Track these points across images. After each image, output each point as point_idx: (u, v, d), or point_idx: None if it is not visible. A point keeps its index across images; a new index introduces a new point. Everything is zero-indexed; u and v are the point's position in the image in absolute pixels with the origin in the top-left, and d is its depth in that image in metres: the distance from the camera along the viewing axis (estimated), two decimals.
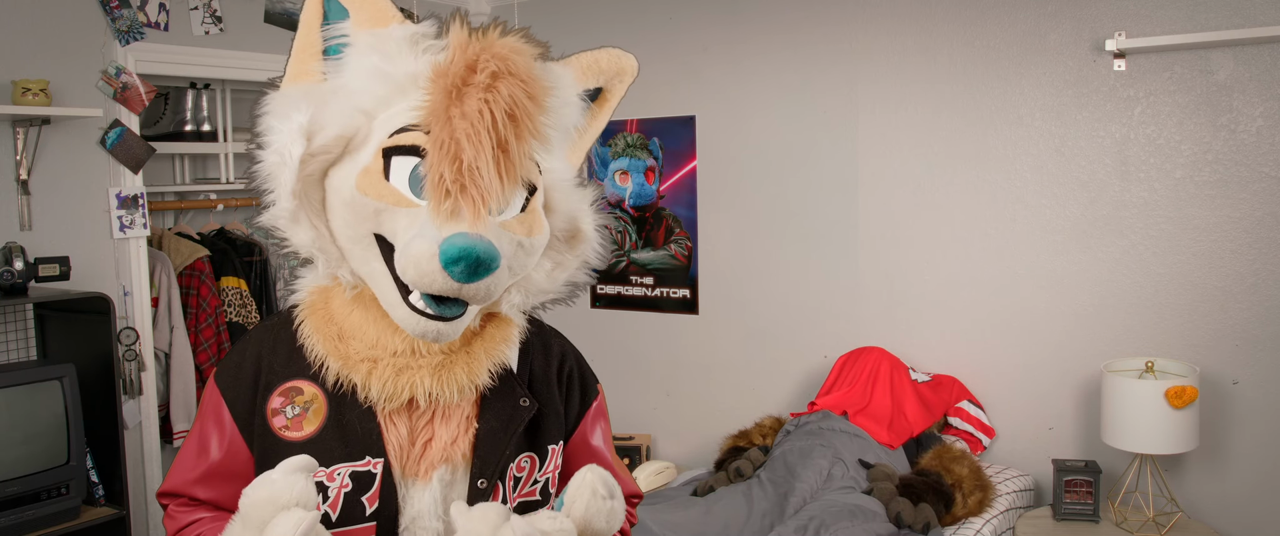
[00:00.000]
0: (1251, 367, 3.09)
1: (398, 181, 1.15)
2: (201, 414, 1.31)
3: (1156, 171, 3.20)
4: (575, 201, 1.29)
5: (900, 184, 3.65)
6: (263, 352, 1.29)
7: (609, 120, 1.39)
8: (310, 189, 1.20)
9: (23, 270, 2.85)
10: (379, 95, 1.19)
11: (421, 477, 1.25)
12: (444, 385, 1.23)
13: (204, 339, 3.59)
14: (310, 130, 1.18)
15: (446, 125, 1.12)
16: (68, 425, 2.83)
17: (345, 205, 1.18)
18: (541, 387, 1.35)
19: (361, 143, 1.19)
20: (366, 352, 1.23)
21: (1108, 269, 3.29)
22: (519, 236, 1.19)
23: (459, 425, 1.27)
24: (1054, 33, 3.30)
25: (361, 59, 1.21)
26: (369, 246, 1.19)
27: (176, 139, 3.82)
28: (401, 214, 1.15)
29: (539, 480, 1.34)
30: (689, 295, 4.16)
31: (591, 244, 1.32)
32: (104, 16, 3.22)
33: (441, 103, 1.13)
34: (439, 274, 1.10)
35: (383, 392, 1.22)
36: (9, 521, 2.70)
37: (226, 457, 1.28)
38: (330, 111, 1.19)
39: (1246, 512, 3.11)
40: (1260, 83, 3.02)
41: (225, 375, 1.30)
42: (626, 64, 1.34)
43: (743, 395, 4.01)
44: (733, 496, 3.16)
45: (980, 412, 3.52)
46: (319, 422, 1.24)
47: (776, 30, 3.84)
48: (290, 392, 1.26)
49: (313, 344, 1.25)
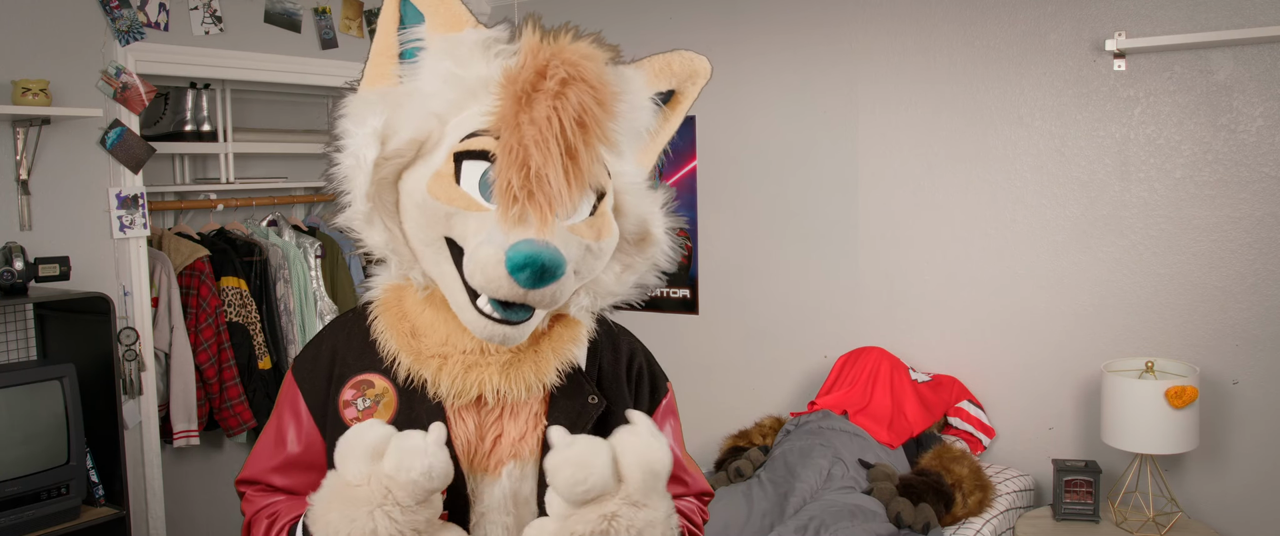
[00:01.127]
0: (1251, 367, 3.09)
1: (468, 186, 1.17)
2: (279, 405, 1.34)
3: (1156, 171, 3.20)
4: (646, 204, 1.30)
5: (900, 184, 3.65)
6: (337, 345, 1.32)
7: (681, 120, 1.39)
8: (384, 191, 1.22)
9: (23, 270, 2.85)
10: (451, 99, 1.21)
11: (491, 472, 1.27)
12: (512, 383, 1.25)
13: (204, 339, 3.59)
14: (385, 134, 1.20)
15: (515, 131, 1.13)
16: (68, 425, 2.84)
17: (417, 208, 1.20)
18: (611, 385, 1.37)
19: (434, 146, 1.20)
20: (437, 349, 1.26)
21: (1108, 269, 3.29)
22: (587, 240, 1.19)
23: (527, 422, 1.28)
24: (1054, 33, 3.30)
25: (435, 63, 1.23)
26: (440, 249, 1.21)
27: (176, 139, 3.82)
28: (471, 218, 1.16)
29: None
30: (689, 295, 4.17)
31: (661, 247, 1.33)
32: (104, 16, 3.22)
33: (511, 108, 1.14)
34: (505, 280, 1.11)
35: (452, 389, 1.24)
36: (9, 521, 2.70)
37: (304, 448, 1.31)
38: (404, 115, 1.20)
39: (1246, 512, 3.11)
40: (1260, 83, 3.02)
41: (302, 367, 1.33)
42: (699, 66, 1.36)
43: (743, 395, 4.01)
44: (733, 496, 3.16)
45: (980, 412, 3.52)
46: (389, 415, 1.27)
47: (776, 30, 3.84)
48: (362, 385, 1.29)
49: (386, 339, 1.28)
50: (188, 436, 3.56)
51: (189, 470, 3.94)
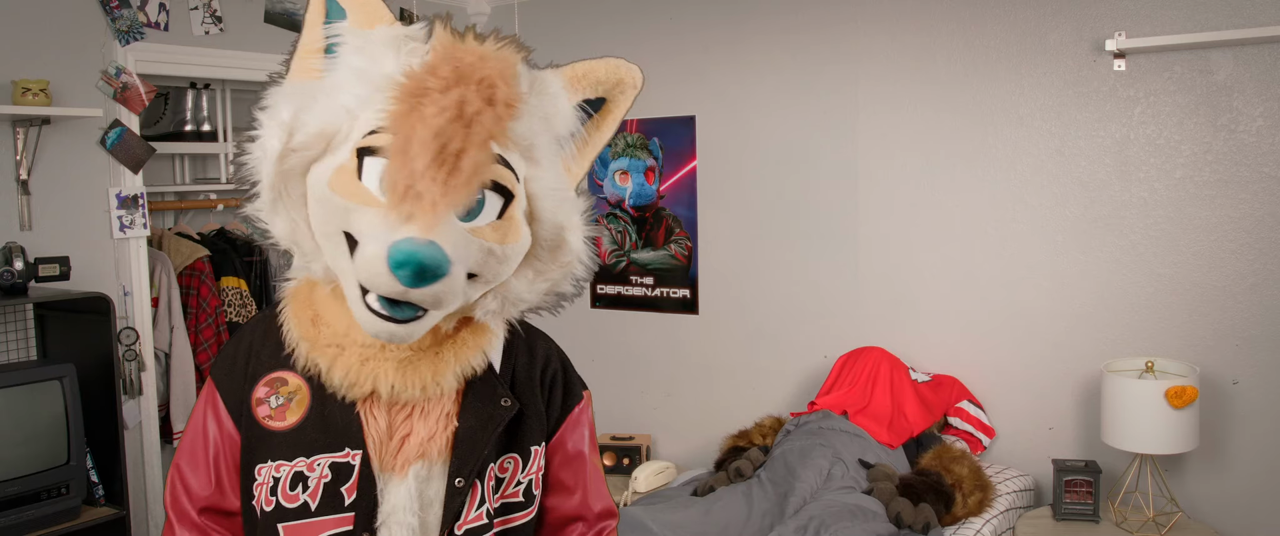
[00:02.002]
0: (1251, 367, 3.09)
1: (369, 181, 1.16)
2: (200, 406, 1.34)
3: (1156, 171, 3.20)
4: (565, 212, 1.27)
5: (900, 184, 3.65)
6: (253, 343, 1.33)
7: (614, 130, 1.37)
8: (290, 183, 1.22)
9: (23, 270, 2.85)
10: (361, 95, 1.20)
11: (398, 472, 1.27)
12: (407, 381, 1.25)
13: (204, 339, 3.59)
14: (293, 126, 1.20)
15: (403, 129, 1.13)
16: (68, 425, 2.83)
17: (318, 201, 1.20)
18: (524, 388, 1.36)
19: (342, 141, 1.20)
20: (335, 339, 1.26)
21: (1108, 269, 3.29)
22: (491, 243, 1.18)
23: (438, 422, 1.28)
24: (1054, 33, 3.30)
25: (348, 58, 1.23)
26: (339, 243, 1.19)
27: (176, 139, 3.82)
28: (367, 213, 1.15)
29: (522, 481, 1.35)
30: (689, 295, 4.16)
31: (577, 256, 1.30)
32: (104, 16, 3.22)
33: (403, 106, 1.14)
34: (386, 277, 1.10)
35: (345, 380, 1.24)
36: (9, 521, 2.70)
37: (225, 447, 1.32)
38: (315, 109, 1.20)
39: (1246, 512, 3.11)
40: (1260, 83, 3.02)
41: (220, 367, 1.34)
42: (626, 75, 1.32)
43: (743, 395, 4.01)
44: (733, 496, 3.16)
45: (980, 412, 3.52)
46: (302, 413, 1.27)
47: (776, 30, 3.84)
48: (275, 383, 1.29)
49: (289, 327, 1.28)
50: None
51: None
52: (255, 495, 1.28)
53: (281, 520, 1.26)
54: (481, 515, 1.30)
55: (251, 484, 1.28)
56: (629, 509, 3.12)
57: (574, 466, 1.42)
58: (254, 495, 1.28)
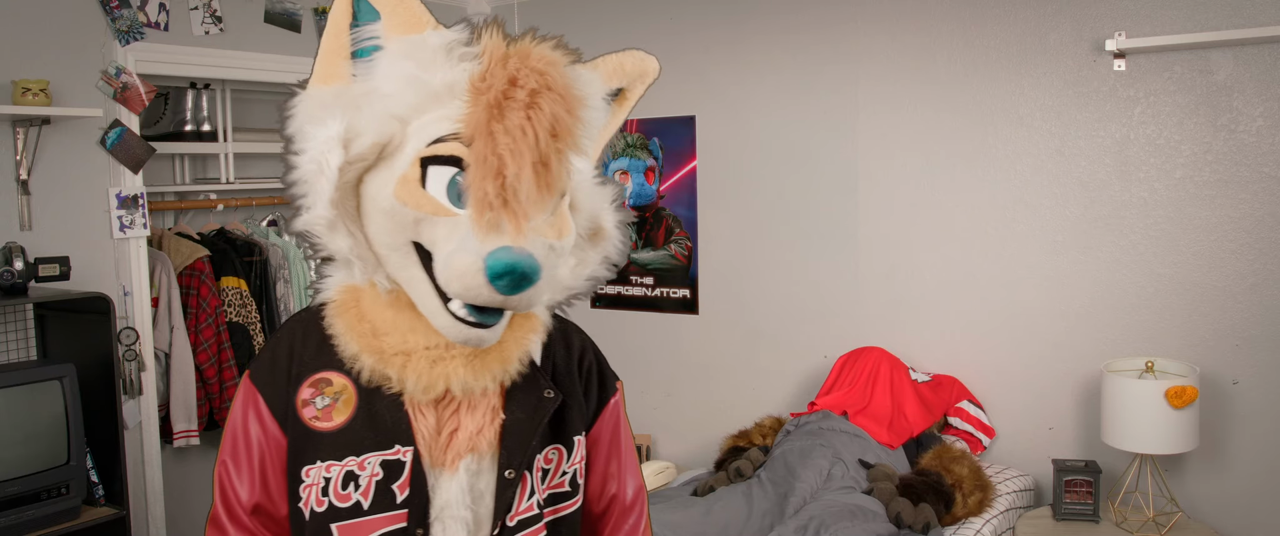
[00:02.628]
0: (1251, 367, 3.09)
1: (435, 190, 1.17)
2: (241, 410, 1.33)
3: (1156, 171, 3.20)
4: (597, 199, 1.31)
5: (900, 184, 3.65)
6: (294, 345, 1.32)
7: (625, 116, 1.42)
8: (346, 196, 1.22)
9: (23, 270, 2.85)
10: (412, 103, 1.20)
11: (448, 467, 1.28)
12: (477, 375, 1.26)
13: (204, 339, 3.59)
14: (347, 138, 1.19)
15: (489, 140, 1.14)
16: (68, 425, 2.83)
17: (383, 214, 1.20)
18: (564, 380, 1.38)
19: (396, 149, 1.20)
20: (400, 346, 1.25)
21: (1108, 269, 3.29)
22: (551, 240, 1.20)
23: (485, 415, 1.29)
24: (1054, 33, 3.30)
25: (395, 65, 1.22)
26: (407, 254, 1.21)
27: (176, 139, 3.82)
28: (440, 223, 1.17)
29: (567, 471, 1.37)
30: (689, 295, 4.16)
31: (613, 240, 1.34)
32: (104, 16, 3.22)
33: (483, 117, 1.15)
34: (485, 287, 1.13)
35: (418, 384, 1.25)
36: (9, 521, 2.70)
37: (270, 451, 1.31)
38: (365, 118, 1.20)
39: (1246, 512, 3.11)
40: (1260, 83, 3.02)
41: (260, 370, 1.33)
42: (648, 66, 1.39)
43: (743, 395, 4.01)
44: (733, 496, 3.16)
45: (980, 412, 3.52)
46: (349, 413, 1.27)
47: (776, 30, 3.84)
48: (320, 383, 1.29)
49: (345, 341, 1.27)
50: (188, 436, 3.56)
51: (189, 470, 3.93)
52: (303, 497, 1.28)
53: (334, 520, 1.26)
54: (532, 506, 1.32)
55: (299, 486, 1.28)
56: None
57: (612, 454, 1.45)
58: (302, 497, 1.28)
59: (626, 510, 1.47)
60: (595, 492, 1.45)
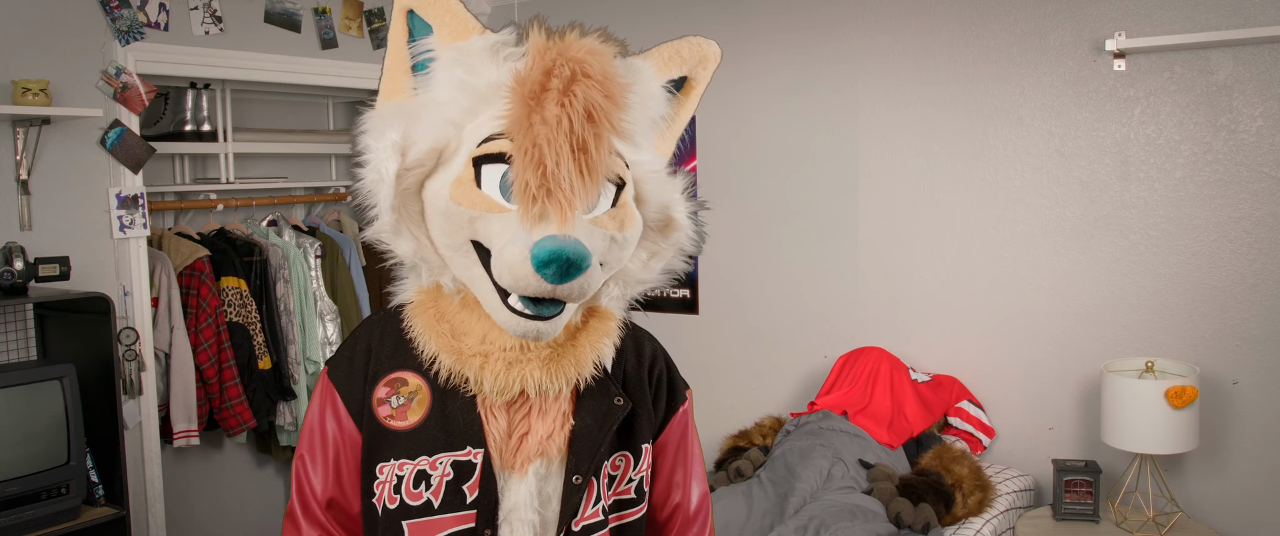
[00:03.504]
0: (1251, 367, 3.09)
1: (489, 189, 1.20)
2: (318, 407, 1.35)
3: (1156, 171, 3.20)
4: (667, 191, 1.32)
5: (900, 184, 3.65)
6: (371, 344, 1.35)
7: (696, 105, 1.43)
8: (408, 202, 1.25)
9: (23, 270, 2.85)
10: (465, 106, 1.24)
11: (518, 470, 1.29)
12: (552, 377, 1.28)
13: (204, 339, 3.58)
14: (403, 146, 1.23)
15: (527, 132, 1.17)
16: (68, 425, 2.84)
17: (441, 215, 1.23)
18: (634, 387, 1.39)
19: (453, 154, 1.23)
20: (478, 348, 1.28)
21: (1108, 269, 3.29)
22: (611, 231, 1.23)
23: (555, 420, 1.31)
24: (1054, 33, 3.30)
25: (447, 73, 1.26)
26: (468, 253, 1.24)
27: (176, 139, 3.82)
28: (495, 220, 1.19)
29: (633, 479, 1.38)
30: (689, 295, 4.16)
31: (685, 231, 1.35)
32: (104, 16, 3.22)
33: (521, 110, 1.18)
34: (532, 277, 1.14)
35: (495, 386, 1.27)
36: (9, 521, 2.70)
37: (345, 448, 1.34)
38: (421, 126, 1.23)
39: (1246, 512, 3.11)
40: (1260, 83, 3.02)
41: (338, 368, 1.36)
42: (708, 51, 1.39)
43: (743, 395, 4.01)
44: (733, 496, 3.16)
45: (980, 412, 3.52)
46: (423, 413, 1.30)
47: (776, 30, 3.84)
48: (396, 383, 1.31)
49: (425, 341, 1.30)
50: (188, 436, 3.56)
51: (189, 470, 3.94)
52: (376, 493, 1.30)
53: (406, 517, 1.28)
54: (598, 512, 1.33)
55: (372, 482, 1.31)
56: None
57: (678, 463, 1.47)
58: (375, 493, 1.30)
59: (690, 520, 1.48)
60: (660, 500, 1.46)
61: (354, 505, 1.35)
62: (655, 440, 1.42)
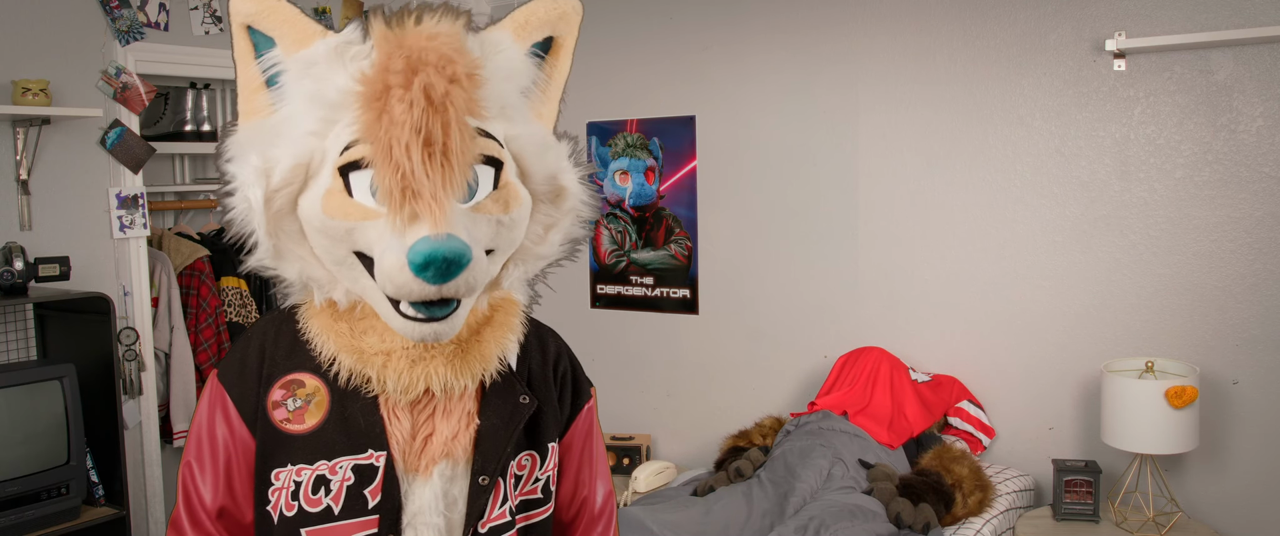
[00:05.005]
0: (1251, 367, 3.09)
1: (361, 196, 1.15)
2: (207, 411, 1.30)
3: (1156, 171, 3.20)
4: (551, 160, 1.27)
5: (900, 184, 3.64)
6: (265, 346, 1.30)
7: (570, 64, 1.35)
8: (284, 222, 1.21)
9: (23, 270, 2.85)
10: (320, 117, 1.19)
11: (422, 472, 1.26)
12: (458, 373, 1.24)
13: (204, 339, 3.59)
14: (266, 168, 1.18)
15: (378, 135, 1.12)
16: (68, 425, 2.84)
17: (318, 231, 1.19)
18: (540, 385, 1.36)
19: (319, 166, 1.18)
20: (379, 346, 1.24)
21: (1108, 269, 3.29)
22: (496, 215, 1.18)
23: (460, 420, 1.27)
24: (1054, 33, 3.30)
25: (297, 85, 1.21)
26: (353, 265, 1.19)
27: (176, 139, 3.82)
28: (371, 227, 1.15)
29: (540, 478, 1.35)
30: (689, 295, 4.16)
31: (578, 196, 1.30)
32: (104, 16, 3.22)
33: (370, 114, 1.13)
34: (414, 282, 1.10)
35: (399, 384, 1.23)
36: (9, 521, 2.70)
37: (237, 453, 1.28)
38: (283, 143, 1.19)
39: (1246, 512, 3.11)
40: (1260, 83, 3.02)
41: (228, 371, 1.30)
42: (567, 6, 1.31)
43: (743, 395, 4.01)
44: (733, 496, 3.16)
45: (980, 412, 3.52)
46: (321, 415, 1.25)
47: (777, 30, 3.84)
48: (292, 385, 1.27)
49: (323, 341, 1.25)
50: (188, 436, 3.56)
51: None
52: (272, 500, 1.25)
53: (304, 525, 1.24)
54: (505, 513, 1.30)
55: (267, 489, 1.26)
56: (629, 509, 3.12)
57: (584, 461, 1.44)
58: (270, 500, 1.26)
59: (595, 518, 1.46)
60: (566, 499, 1.44)
61: (246, 514, 1.29)
62: (561, 439, 1.40)
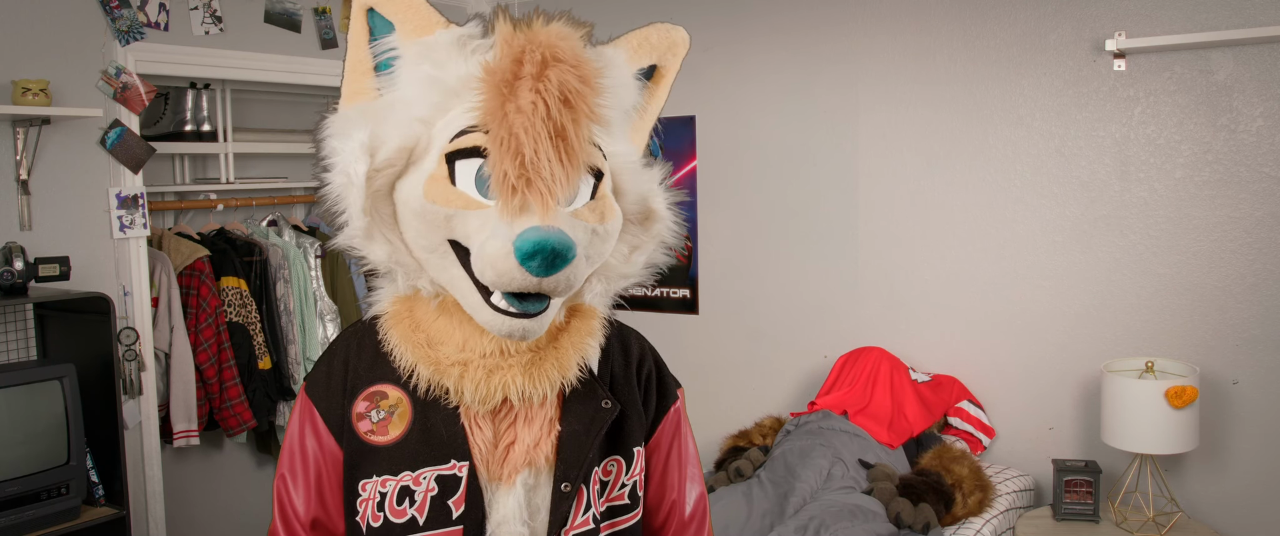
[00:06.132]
0: (1251, 367, 3.09)
1: (464, 185, 1.15)
2: (298, 424, 1.31)
3: (1156, 171, 3.20)
4: (644, 182, 1.28)
5: (900, 184, 3.65)
6: (349, 358, 1.30)
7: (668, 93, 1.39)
8: (379, 204, 1.20)
9: (23, 270, 2.85)
10: (434, 102, 1.19)
11: (505, 481, 1.25)
12: (535, 382, 1.24)
13: (204, 339, 3.59)
14: (372, 146, 1.18)
15: (503, 122, 1.12)
16: (68, 425, 2.83)
17: (416, 216, 1.18)
18: (623, 389, 1.35)
19: (423, 152, 1.19)
20: (456, 356, 1.23)
21: (1108, 269, 3.29)
22: (592, 224, 1.18)
23: (541, 428, 1.26)
24: (1054, 33, 3.30)
25: (413, 69, 1.21)
26: (445, 253, 1.19)
27: (176, 139, 3.82)
28: (472, 217, 1.15)
29: (626, 484, 1.34)
30: (689, 295, 4.16)
31: (666, 222, 1.31)
32: (104, 16, 3.22)
33: (495, 100, 1.13)
34: (517, 271, 1.10)
35: (476, 395, 1.22)
36: (9, 521, 2.70)
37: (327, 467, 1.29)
38: (389, 125, 1.19)
39: (1246, 512, 3.11)
40: (1260, 83, 3.02)
41: (316, 385, 1.30)
42: (677, 37, 1.36)
43: (743, 395, 4.01)
44: (733, 496, 3.16)
45: (980, 412, 3.52)
46: (404, 426, 1.25)
47: (777, 30, 3.84)
48: (375, 397, 1.27)
49: (401, 352, 1.25)
50: (188, 436, 3.56)
51: (189, 470, 3.94)
52: (360, 511, 1.25)
53: (390, 535, 1.24)
54: (588, 520, 1.29)
55: (355, 500, 1.26)
56: None
57: (672, 463, 1.42)
58: (359, 511, 1.25)
59: (686, 523, 1.44)
60: (654, 503, 1.41)
61: (339, 525, 1.30)
62: (647, 442, 1.38)
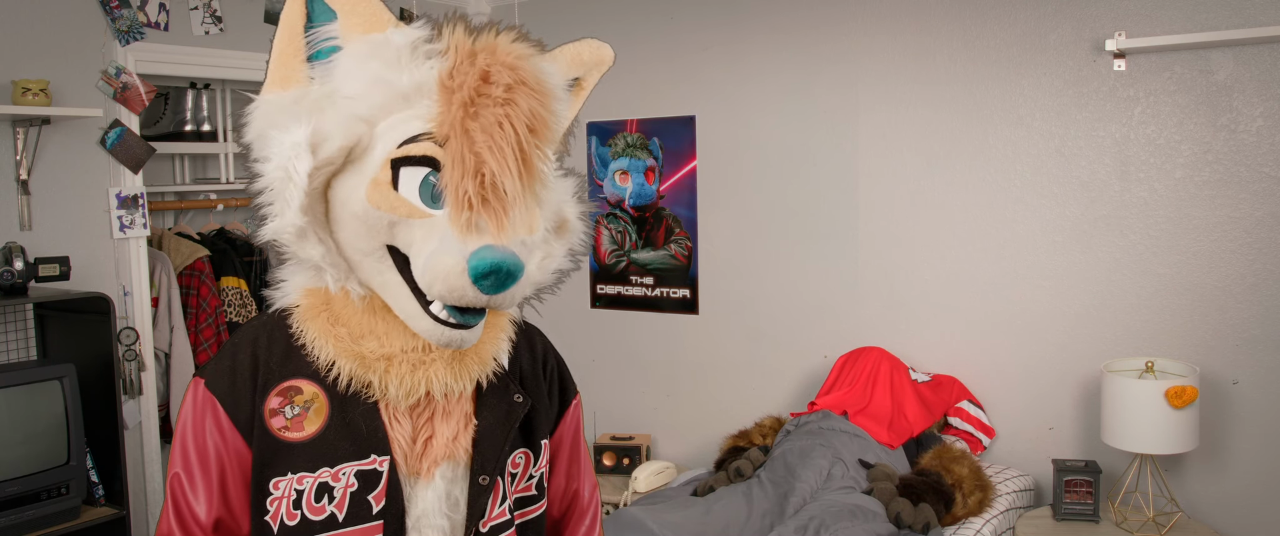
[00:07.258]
0: (1251, 367, 3.09)
1: (407, 192, 1.14)
2: (194, 420, 1.26)
3: (1156, 171, 3.20)
4: (560, 192, 1.28)
5: (900, 184, 3.65)
6: (257, 352, 1.26)
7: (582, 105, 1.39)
8: (315, 202, 1.18)
9: (23, 270, 2.85)
10: (379, 103, 1.17)
11: (424, 475, 1.26)
12: (458, 377, 1.25)
13: (204, 339, 3.59)
14: (315, 142, 1.15)
15: (465, 138, 1.12)
16: (68, 425, 2.83)
17: (355, 218, 1.17)
18: (531, 384, 1.38)
19: (364, 152, 1.17)
20: (381, 351, 1.23)
21: (1108, 269, 3.29)
22: (521, 235, 1.18)
23: (459, 422, 1.28)
24: (1054, 33, 3.30)
25: (359, 66, 1.18)
26: (382, 258, 1.18)
27: (176, 139, 3.82)
28: (417, 225, 1.14)
29: (534, 475, 1.37)
30: (689, 295, 4.16)
31: (577, 233, 1.32)
32: (104, 16, 3.22)
33: (458, 115, 1.12)
34: (469, 288, 1.11)
35: (401, 389, 1.22)
36: (9, 521, 2.70)
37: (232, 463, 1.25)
38: (331, 121, 1.16)
39: (1246, 512, 3.11)
40: (1260, 83, 3.02)
41: (218, 379, 1.25)
42: (605, 55, 1.35)
43: (743, 395, 4.01)
44: (733, 496, 3.16)
45: (980, 412, 3.52)
46: (321, 422, 1.24)
47: (776, 30, 3.84)
48: (289, 392, 1.24)
49: (320, 346, 1.23)
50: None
51: None
52: (271, 510, 1.23)
53: (308, 533, 1.22)
54: (504, 511, 1.31)
55: (266, 499, 1.23)
56: (629, 509, 3.12)
57: (574, 457, 1.47)
58: (269, 510, 1.23)
59: (584, 511, 1.49)
60: (556, 495, 1.46)
61: (243, 525, 1.26)
62: (551, 435, 1.42)
